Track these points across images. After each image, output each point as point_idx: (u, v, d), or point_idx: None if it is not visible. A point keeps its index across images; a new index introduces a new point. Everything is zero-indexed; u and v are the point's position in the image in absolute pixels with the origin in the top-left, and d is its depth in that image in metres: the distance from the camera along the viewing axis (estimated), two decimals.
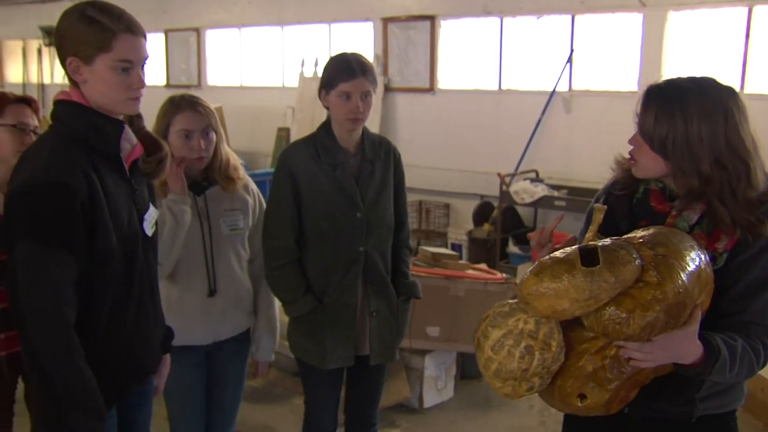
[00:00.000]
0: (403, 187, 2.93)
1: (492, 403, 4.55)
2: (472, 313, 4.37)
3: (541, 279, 1.71)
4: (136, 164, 2.09)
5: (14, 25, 13.01)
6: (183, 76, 10.58)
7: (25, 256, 1.84)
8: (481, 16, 7.54)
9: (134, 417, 2.28)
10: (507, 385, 1.82)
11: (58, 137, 1.95)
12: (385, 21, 8.26)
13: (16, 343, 2.68)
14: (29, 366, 1.91)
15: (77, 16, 1.92)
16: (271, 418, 4.32)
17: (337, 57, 2.75)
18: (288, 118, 9.12)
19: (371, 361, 2.86)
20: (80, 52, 1.91)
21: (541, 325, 1.76)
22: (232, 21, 9.86)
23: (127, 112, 2.03)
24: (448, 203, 7.90)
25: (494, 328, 1.80)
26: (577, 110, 7.01)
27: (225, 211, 2.75)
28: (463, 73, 7.85)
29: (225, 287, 2.76)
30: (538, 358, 1.76)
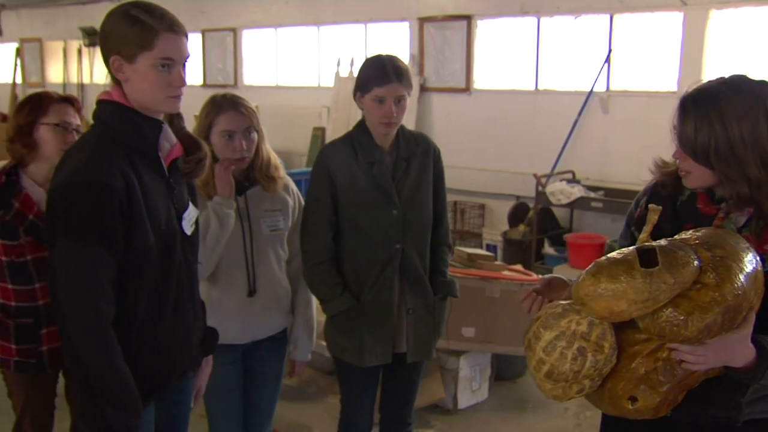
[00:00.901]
0: (442, 185, 2.92)
1: (527, 405, 4.52)
2: (507, 314, 4.34)
3: (599, 280, 1.68)
4: (175, 163, 2.11)
5: (55, 26, 13.21)
6: (220, 76, 10.66)
7: (65, 253, 1.87)
8: (518, 16, 7.49)
9: (172, 413, 2.30)
10: (558, 387, 1.80)
11: (98, 137, 1.98)
12: (422, 21, 8.25)
13: (57, 338, 2.72)
14: (68, 361, 1.94)
15: (120, 16, 1.95)
16: (306, 416, 4.33)
17: (373, 60, 2.75)
18: (323, 117, 9.15)
19: (408, 358, 2.85)
20: (123, 51, 1.93)
21: (593, 327, 1.74)
22: (268, 21, 9.91)
23: (168, 110, 2.05)
24: (483, 204, 7.87)
25: (546, 329, 1.78)
26: (615, 111, 6.93)
27: (266, 211, 2.77)
28: (500, 73, 7.80)
29: (264, 287, 2.77)
30: (590, 359, 1.74)
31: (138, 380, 1.96)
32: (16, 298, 2.73)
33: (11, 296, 2.73)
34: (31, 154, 2.72)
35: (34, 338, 2.73)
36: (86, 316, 1.87)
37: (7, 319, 2.74)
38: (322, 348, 4.20)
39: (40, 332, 2.73)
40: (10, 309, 2.74)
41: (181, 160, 2.13)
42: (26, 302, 2.73)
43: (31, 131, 2.71)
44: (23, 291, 2.72)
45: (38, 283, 2.71)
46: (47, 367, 2.76)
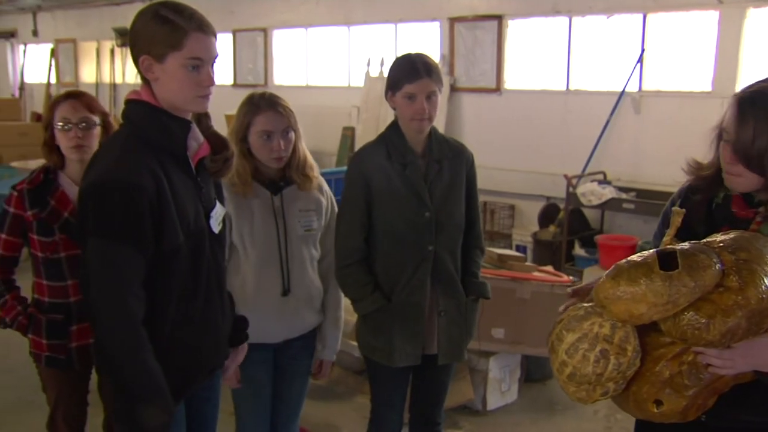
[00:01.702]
0: (474, 188, 2.91)
1: (556, 408, 4.48)
2: (537, 315, 4.31)
3: (618, 283, 1.67)
4: (202, 162, 2.12)
5: (89, 27, 13.37)
6: (250, 76, 10.72)
7: (95, 252, 1.89)
8: (550, 16, 7.44)
9: (202, 409, 2.31)
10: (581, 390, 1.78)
11: (127, 136, 1.99)
12: (452, 21, 8.22)
13: (86, 336, 2.75)
14: (100, 358, 1.96)
15: (150, 16, 1.96)
16: (334, 415, 4.33)
17: (402, 58, 2.75)
18: (353, 117, 9.16)
19: (439, 360, 2.84)
20: (153, 51, 1.94)
21: (616, 329, 1.72)
22: (299, 21, 9.94)
23: (197, 110, 2.06)
24: (513, 204, 7.83)
25: (569, 331, 1.77)
26: (647, 111, 6.86)
27: (300, 211, 2.78)
28: (530, 74, 7.76)
29: (298, 287, 2.78)
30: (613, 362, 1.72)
31: (169, 378, 1.97)
32: (50, 293, 2.77)
33: (45, 292, 2.78)
34: (60, 157, 2.79)
35: (64, 335, 2.77)
36: (116, 314, 1.89)
37: (39, 314, 2.78)
38: (351, 347, 4.23)
39: (70, 329, 2.77)
40: (43, 304, 2.78)
41: (208, 159, 2.14)
42: (58, 298, 2.76)
43: (52, 135, 2.78)
44: (56, 287, 2.76)
45: (70, 281, 2.75)
46: (75, 364, 2.80)
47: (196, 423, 2.29)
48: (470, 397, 4.34)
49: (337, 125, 9.22)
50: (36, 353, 2.83)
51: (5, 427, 4.19)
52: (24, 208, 2.74)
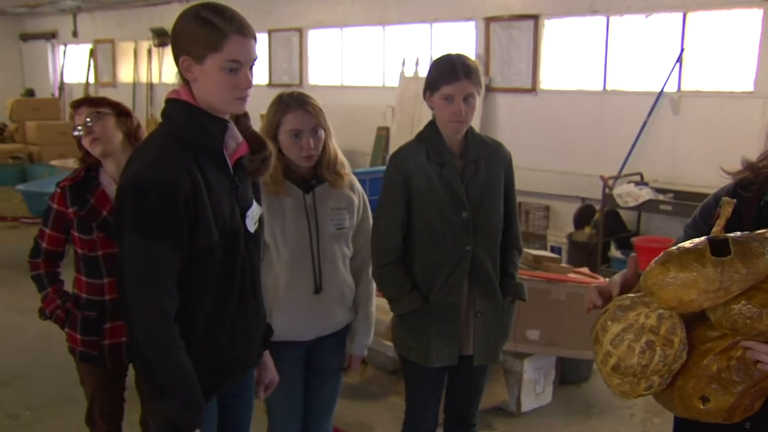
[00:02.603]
0: (512, 189, 2.90)
1: (592, 411, 4.44)
2: (573, 317, 4.27)
3: (668, 268, 1.64)
4: (240, 162, 2.13)
5: (127, 27, 13.55)
6: (285, 76, 10.78)
7: (130, 249, 1.90)
8: (587, 15, 7.38)
9: (235, 407, 2.32)
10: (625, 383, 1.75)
11: (165, 135, 2.01)
12: (488, 20, 8.19)
13: (119, 334, 2.78)
14: (133, 354, 1.97)
15: (192, 17, 1.97)
16: (367, 415, 4.33)
17: (442, 58, 2.75)
18: (388, 117, 9.17)
19: (475, 361, 2.83)
20: (192, 51, 1.95)
21: (663, 320, 1.68)
22: (334, 21, 9.98)
23: (234, 111, 2.06)
24: (548, 205, 7.79)
25: (614, 321, 1.73)
26: (686, 111, 6.77)
27: (332, 209, 2.78)
28: (567, 74, 7.70)
29: (330, 285, 2.78)
30: (659, 354, 1.68)
31: (201, 375, 1.98)
32: (87, 290, 2.81)
33: (83, 288, 2.82)
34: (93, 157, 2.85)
35: (97, 331, 2.80)
36: (149, 310, 1.90)
37: (75, 309, 2.83)
38: (385, 347, 4.23)
39: (104, 326, 2.80)
40: (80, 300, 2.83)
41: (247, 158, 2.15)
42: (94, 295, 2.80)
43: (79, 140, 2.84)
44: (93, 284, 2.80)
45: (107, 279, 2.78)
46: (107, 361, 2.83)
47: (229, 420, 2.29)
48: (504, 398, 4.32)
49: (372, 125, 9.23)
50: (71, 347, 2.88)
51: (45, 420, 4.25)
52: (66, 204, 2.78)
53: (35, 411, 4.36)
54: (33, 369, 4.93)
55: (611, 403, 4.48)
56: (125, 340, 2.77)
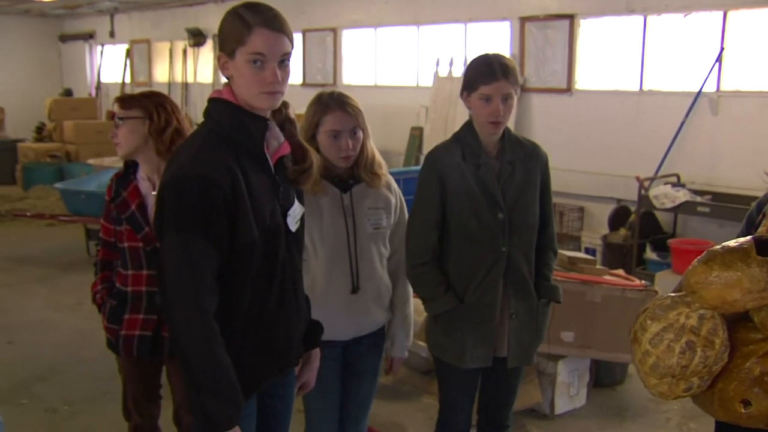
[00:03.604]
0: (549, 189, 2.88)
1: (626, 414, 4.39)
2: (608, 319, 4.23)
3: (711, 267, 1.62)
4: (281, 161, 2.13)
5: (163, 27, 13.68)
6: (319, 75, 10.81)
7: (171, 245, 1.92)
8: (624, 15, 7.30)
9: (275, 406, 2.32)
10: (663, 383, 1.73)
11: (206, 133, 2.02)
12: (523, 20, 8.15)
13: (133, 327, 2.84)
14: (173, 349, 1.99)
15: (229, 14, 1.99)
16: (400, 415, 4.33)
17: (479, 58, 2.73)
18: (421, 117, 9.15)
19: (509, 363, 2.82)
20: (225, 48, 1.97)
21: (704, 321, 1.66)
22: (368, 21, 9.99)
23: (263, 107, 2.03)
24: (582, 206, 7.72)
25: (654, 320, 1.71)
26: (725, 112, 6.67)
27: (369, 209, 2.78)
28: (602, 73, 7.63)
29: (367, 284, 2.78)
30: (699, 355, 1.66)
31: (240, 373, 1.98)
32: (119, 279, 2.90)
33: (118, 277, 2.91)
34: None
35: (118, 321, 2.86)
36: (189, 306, 1.91)
37: (107, 297, 2.91)
38: (418, 347, 4.22)
39: (123, 317, 2.85)
40: (113, 288, 2.91)
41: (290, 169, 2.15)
42: (122, 285, 2.87)
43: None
44: (122, 275, 2.88)
45: (131, 271, 2.84)
46: (120, 351, 2.87)
47: (269, 419, 2.30)
48: (538, 400, 4.28)
49: (406, 125, 9.22)
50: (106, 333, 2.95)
51: (82, 415, 4.31)
52: (110, 195, 2.89)
53: (72, 405, 4.42)
54: (70, 365, 5.00)
55: (646, 406, 4.43)
56: (138, 334, 2.82)
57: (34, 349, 5.27)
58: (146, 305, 2.82)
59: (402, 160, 9.08)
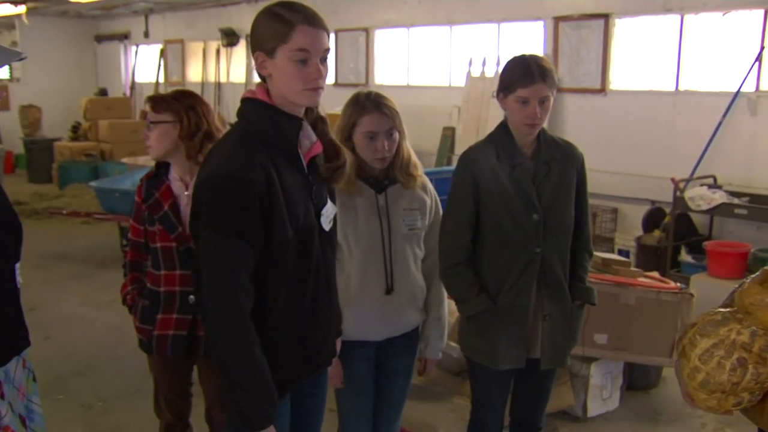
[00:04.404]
0: (585, 191, 2.86)
1: (660, 418, 4.34)
2: (643, 322, 4.19)
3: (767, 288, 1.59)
4: (314, 161, 2.14)
5: (196, 27, 13.77)
6: (351, 75, 10.81)
7: (207, 245, 1.93)
8: (660, 14, 7.21)
9: (308, 405, 2.33)
10: (712, 398, 1.70)
11: (241, 133, 2.03)
12: (557, 20, 8.08)
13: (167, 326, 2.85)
14: (209, 348, 2.00)
15: (264, 14, 2.00)
16: (431, 416, 4.32)
17: (517, 59, 2.71)
18: (453, 117, 9.12)
19: (542, 365, 2.80)
20: (264, 46, 1.98)
21: (756, 338, 1.64)
22: (401, 21, 9.97)
23: (306, 103, 2.06)
24: (616, 208, 7.64)
25: (703, 336, 1.69)
26: (764, 112, 6.55)
27: (404, 210, 2.77)
28: (637, 74, 7.54)
29: (401, 285, 2.77)
30: (751, 372, 1.63)
31: (274, 372, 1.99)
32: (150, 279, 2.91)
33: (149, 278, 2.92)
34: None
35: (150, 321, 2.87)
36: (225, 305, 1.92)
37: (138, 297, 2.93)
38: (450, 348, 4.20)
39: (155, 317, 2.86)
40: (144, 289, 2.92)
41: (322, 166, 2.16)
42: (154, 286, 2.88)
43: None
44: (154, 275, 2.89)
45: (164, 271, 2.85)
46: (154, 350, 2.88)
47: (302, 418, 2.31)
48: (570, 402, 4.25)
49: (438, 125, 9.19)
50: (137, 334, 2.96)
51: (116, 411, 4.36)
52: (141, 197, 2.90)
53: (106, 402, 4.47)
54: (105, 361, 5.06)
55: (681, 410, 4.37)
56: (171, 333, 2.84)
57: (70, 345, 5.34)
58: (179, 305, 2.83)
59: (434, 160, 9.05)
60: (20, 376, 2.08)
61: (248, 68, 12.33)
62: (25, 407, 2.10)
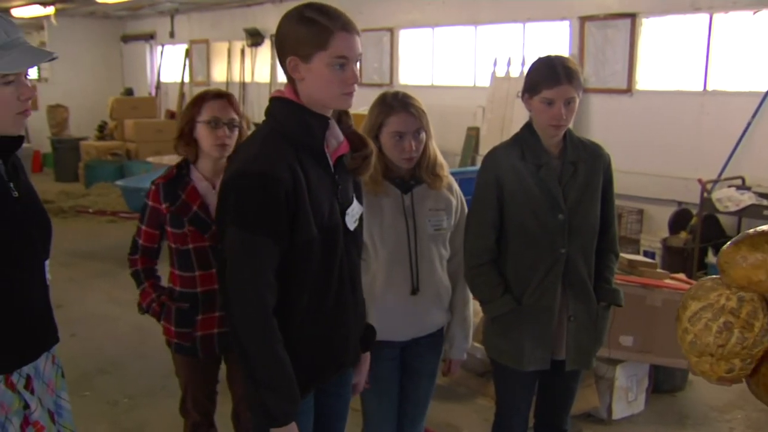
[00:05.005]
0: (611, 191, 2.83)
1: (686, 422, 4.29)
2: (669, 324, 4.09)
3: (740, 248, 1.68)
4: (341, 160, 2.14)
5: (221, 28, 13.85)
6: (375, 75, 10.82)
7: (233, 242, 1.94)
8: (689, 13, 7.14)
9: (332, 405, 2.33)
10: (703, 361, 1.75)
11: (268, 131, 2.04)
12: (583, 20, 8.03)
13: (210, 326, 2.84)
14: (233, 345, 2.00)
15: (296, 18, 1.99)
16: (455, 416, 4.30)
17: (542, 61, 2.69)
18: (478, 117, 9.09)
19: (567, 366, 2.78)
20: (300, 51, 1.98)
21: (744, 303, 1.69)
22: (425, 21, 9.96)
23: (341, 107, 2.09)
24: (641, 209, 7.58)
25: (694, 299, 1.76)
26: None
27: (430, 210, 2.77)
28: (664, 73, 7.47)
29: (427, 286, 2.77)
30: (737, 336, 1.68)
31: (298, 370, 2.00)
32: (180, 283, 2.87)
33: (177, 281, 2.89)
34: (195, 151, 2.87)
35: (190, 323, 2.85)
36: (249, 302, 1.93)
37: (170, 302, 2.90)
38: (474, 348, 4.18)
39: (196, 318, 2.85)
40: (174, 293, 2.90)
41: (348, 156, 2.16)
42: (187, 288, 2.86)
43: (191, 130, 2.85)
44: (186, 277, 2.86)
45: (198, 271, 2.83)
46: (199, 352, 2.88)
47: (325, 417, 2.31)
48: (595, 404, 4.22)
49: (462, 125, 9.17)
50: (167, 339, 2.95)
51: (141, 408, 4.39)
52: (159, 201, 2.85)
53: (132, 399, 4.50)
54: (130, 359, 5.10)
55: (708, 414, 4.33)
56: (216, 332, 2.83)
57: (95, 343, 5.39)
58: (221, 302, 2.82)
59: (458, 160, 9.03)
60: (50, 371, 2.10)
61: (272, 68, 12.38)
62: (54, 403, 2.12)
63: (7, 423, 1.94)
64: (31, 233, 2.01)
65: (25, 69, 1.91)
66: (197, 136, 2.85)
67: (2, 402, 1.94)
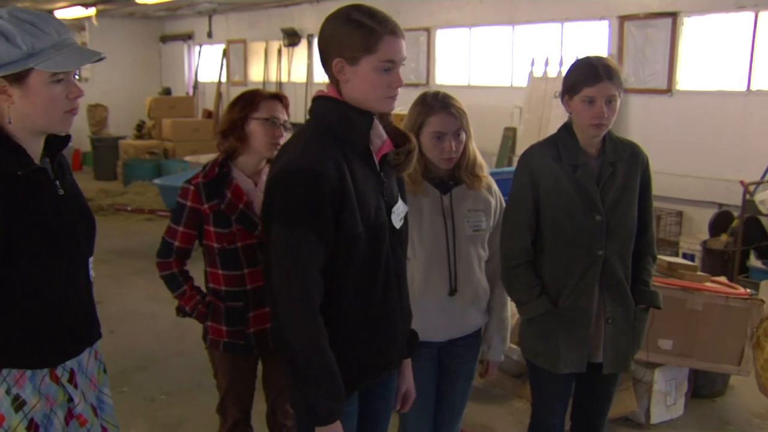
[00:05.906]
0: (649, 193, 2.81)
1: (727, 427, 4.22)
2: (710, 328, 4.08)
3: None
4: (385, 159, 2.14)
5: (258, 28, 13.93)
6: (412, 75, 10.80)
7: (279, 239, 1.94)
8: (732, 12, 7.03)
9: (377, 406, 2.31)
10: None
11: (313, 130, 2.05)
12: (622, 19, 7.94)
13: (262, 321, 2.84)
14: (277, 342, 2.00)
15: (343, 21, 1.99)
16: (490, 418, 4.29)
17: (581, 61, 2.68)
18: (515, 117, 9.04)
19: (604, 369, 2.75)
20: (346, 54, 1.98)
21: None
22: (462, 21, 9.92)
23: (385, 110, 2.08)
24: (681, 211, 7.48)
25: None
26: None
27: (469, 211, 2.76)
28: (705, 73, 7.36)
29: (465, 287, 2.76)
30: None
31: (344, 368, 1.99)
32: (226, 283, 2.87)
33: (221, 281, 2.88)
34: (243, 146, 2.86)
35: (242, 321, 2.86)
36: (295, 299, 1.93)
37: (218, 302, 2.89)
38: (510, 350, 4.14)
39: (248, 315, 2.86)
40: (220, 293, 2.89)
41: (392, 154, 2.15)
42: (236, 287, 2.85)
43: (243, 125, 2.83)
44: (233, 276, 2.85)
45: (247, 269, 2.83)
46: (253, 348, 2.89)
47: (370, 418, 2.29)
48: (633, 408, 4.17)
49: (499, 125, 9.12)
50: (214, 340, 2.92)
51: (179, 405, 4.44)
52: (200, 201, 2.83)
53: (169, 395, 4.55)
54: (168, 356, 5.15)
55: (750, 420, 4.25)
56: (269, 326, 2.82)
57: (133, 339, 5.45)
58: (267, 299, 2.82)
59: (494, 160, 8.98)
60: (92, 367, 2.13)
61: (309, 68, 12.42)
62: (97, 398, 2.15)
63: (51, 415, 1.98)
64: (76, 230, 2.03)
65: (75, 68, 1.94)
66: (249, 132, 2.84)
67: (47, 394, 1.97)
